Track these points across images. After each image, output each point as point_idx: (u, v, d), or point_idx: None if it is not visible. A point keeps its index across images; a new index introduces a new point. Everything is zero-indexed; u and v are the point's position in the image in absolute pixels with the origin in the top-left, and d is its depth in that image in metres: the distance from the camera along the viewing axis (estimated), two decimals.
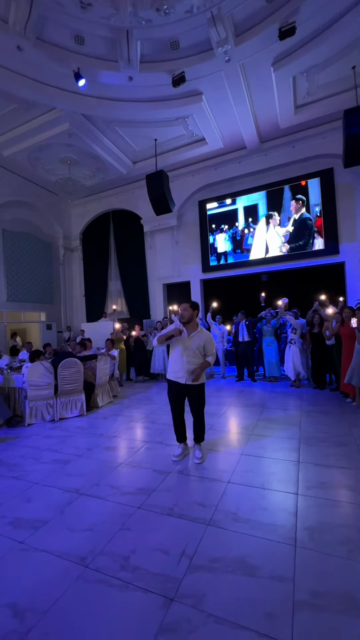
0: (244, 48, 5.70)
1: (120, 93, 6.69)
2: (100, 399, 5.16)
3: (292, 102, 7.15)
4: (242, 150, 8.95)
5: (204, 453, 2.96)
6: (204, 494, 2.31)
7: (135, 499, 2.28)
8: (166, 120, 7.62)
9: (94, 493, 2.40)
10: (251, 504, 2.15)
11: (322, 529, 1.84)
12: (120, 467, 2.85)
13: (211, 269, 9.79)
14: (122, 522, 2.01)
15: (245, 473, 2.60)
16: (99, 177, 10.00)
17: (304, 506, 2.09)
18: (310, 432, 3.46)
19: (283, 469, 2.65)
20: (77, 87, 6.32)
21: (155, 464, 2.86)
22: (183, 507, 2.14)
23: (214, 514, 2.04)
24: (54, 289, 11.58)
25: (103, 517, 2.09)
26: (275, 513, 2.03)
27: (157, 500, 2.26)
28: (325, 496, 2.19)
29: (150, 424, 4.13)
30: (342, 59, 6.15)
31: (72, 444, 3.51)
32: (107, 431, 3.89)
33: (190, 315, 2.86)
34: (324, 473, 2.54)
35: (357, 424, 3.66)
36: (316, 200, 8.51)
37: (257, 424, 3.88)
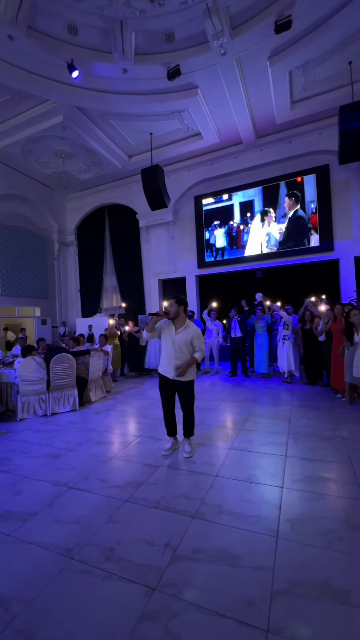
0: (239, 41, 5.64)
1: (115, 85, 6.61)
2: (93, 394, 5.18)
3: (289, 97, 7.11)
4: (238, 146, 8.90)
5: (193, 447, 3.00)
6: (191, 487, 2.35)
7: (124, 492, 2.31)
8: (162, 114, 7.55)
9: (82, 487, 2.43)
10: (237, 496, 2.19)
11: (304, 521, 1.88)
12: (110, 461, 2.88)
13: (207, 265, 9.78)
14: (109, 514, 2.04)
15: (232, 467, 2.64)
16: (94, 171, 9.91)
17: (288, 499, 2.13)
18: (299, 427, 3.51)
19: (270, 462, 2.69)
20: (70, 79, 6.21)
21: (145, 458, 2.89)
22: (170, 500, 2.18)
23: (200, 507, 2.08)
24: (49, 284, 11.51)
25: (91, 510, 2.11)
26: (260, 505, 2.07)
27: (145, 493, 2.29)
28: (310, 489, 2.24)
29: (142, 418, 4.16)
30: (338, 53, 6.12)
31: (64, 438, 3.53)
32: (98, 426, 3.92)
33: (177, 311, 2.87)
34: (310, 467, 2.58)
35: (344, 419, 3.72)
36: (311, 197, 8.51)
37: (248, 418, 3.92)
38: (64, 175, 9.19)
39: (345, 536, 1.74)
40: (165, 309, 2.86)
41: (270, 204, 8.96)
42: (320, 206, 8.41)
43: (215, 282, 10.09)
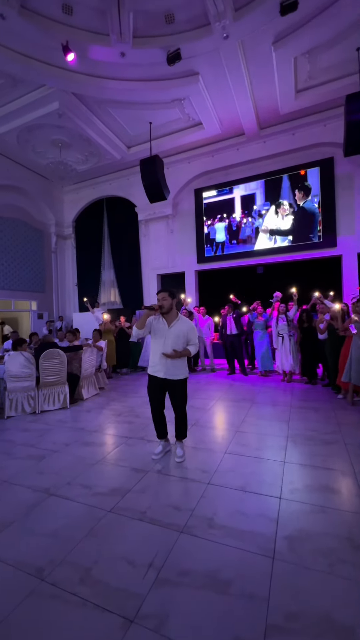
0: (243, 23, 5.37)
1: (112, 71, 6.34)
2: (85, 391, 5.00)
3: (293, 86, 6.84)
4: (240, 137, 8.63)
5: (185, 451, 2.82)
6: (180, 496, 2.17)
7: (108, 500, 2.14)
8: (161, 102, 7.28)
9: (64, 493, 2.25)
10: (230, 508, 2.01)
11: (302, 538, 1.70)
12: (96, 464, 2.70)
13: (206, 260, 9.56)
14: (89, 527, 1.87)
15: (227, 473, 2.46)
16: (91, 162, 9.64)
17: (286, 511, 1.95)
18: (299, 430, 3.33)
19: (267, 469, 2.51)
20: (65, 63, 5.95)
21: (134, 462, 2.71)
22: (157, 511, 2.00)
23: (189, 520, 1.90)
24: (46, 278, 11.30)
25: (70, 520, 1.94)
26: (255, 519, 1.89)
27: (131, 502, 2.11)
28: (309, 500, 2.06)
29: (135, 417, 3.99)
30: (345, 39, 5.84)
31: (50, 438, 3.35)
32: (88, 425, 3.74)
33: (170, 305, 2.68)
34: (309, 474, 2.40)
35: (346, 422, 3.54)
36: (315, 191, 8.26)
37: (245, 419, 3.74)
38: (60, 165, 8.93)
39: (348, 558, 1.56)
40: (159, 303, 2.66)
41: (272, 198, 8.71)
42: (323, 201, 8.17)
43: (215, 277, 9.87)
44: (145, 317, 2.66)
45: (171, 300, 2.67)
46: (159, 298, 2.68)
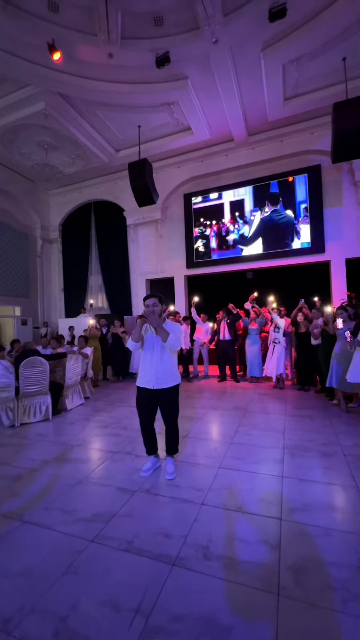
0: (232, 28, 5.35)
1: (100, 72, 6.21)
2: (69, 401, 4.72)
3: (282, 93, 6.89)
4: (229, 143, 8.65)
5: (176, 467, 2.61)
6: (172, 520, 1.96)
7: (90, 528, 1.91)
8: (150, 106, 7.20)
9: (40, 520, 2.00)
10: (227, 533, 1.82)
11: (308, 569, 1.52)
12: (78, 484, 2.46)
13: (196, 265, 9.45)
14: (68, 562, 1.63)
15: (221, 491, 2.27)
16: (79, 165, 9.45)
17: (287, 536, 1.77)
18: (295, 440, 3.18)
19: (265, 486, 2.34)
20: (51, 62, 5.79)
21: (120, 481, 2.49)
22: (145, 540, 1.78)
23: (182, 549, 1.70)
24: (30, 283, 10.94)
25: (46, 554, 1.70)
26: (254, 546, 1.70)
27: (116, 529, 1.89)
28: (312, 521, 1.89)
29: (122, 430, 3.75)
30: (332, 49, 5.92)
31: (28, 454, 3.08)
32: (71, 439, 3.48)
33: (161, 310, 2.52)
34: (309, 491, 2.24)
35: (342, 430, 3.41)
36: (303, 197, 8.31)
37: (238, 430, 3.57)
38: (46, 167, 8.73)
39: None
40: (150, 309, 2.47)
41: (261, 204, 8.72)
42: (311, 207, 8.23)
43: (205, 283, 9.76)
44: (140, 327, 2.47)
45: (161, 306, 2.51)
46: (150, 304, 2.50)
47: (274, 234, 8.54)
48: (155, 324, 2.41)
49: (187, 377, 6.65)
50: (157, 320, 2.40)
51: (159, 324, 2.40)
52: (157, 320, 2.40)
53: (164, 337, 2.40)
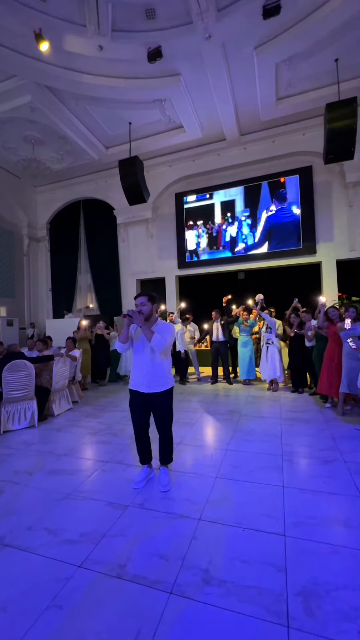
0: (225, 24, 5.26)
1: (89, 65, 6.02)
2: (56, 407, 4.50)
3: (274, 93, 6.84)
4: (221, 142, 8.57)
5: (171, 478, 2.46)
6: (168, 539, 1.81)
7: (77, 551, 1.73)
8: (141, 102, 7.04)
9: (22, 543, 1.82)
10: (227, 553, 1.67)
11: (319, 594, 1.40)
12: (65, 499, 2.28)
13: (187, 265, 9.32)
14: (52, 593, 1.46)
15: (219, 504, 2.13)
16: (67, 161, 9.19)
17: (293, 555, 1.64)
18: (292, 446, 3.07)
19: (265, 497, 2.21)
20: (39, 53, 5.58)
21: (111, 494, 2.31)
22: (139, 564, 1.62)
23: (180, 574, 1.54)
24: (16, 282, 10.57)
25: (27, 584, 1.52)
26: (258, 568, 1.56)
27: (107, 551, 1.72)
28: (318, 537, 1.77)
29: (112, 437, 3.57)
30: (325, 49, 5.91)
31: (11, 466, 2.87)
32: (58, 447, 3.28)
33: (150, 310, 2.36)
34: (312, 502, 2.12)
35: (340, 434, 3.33)
36: (294, 198, 8.30)
37: (234, 435, 3.44)
38: (33, 163, 8.43)
39: None
40: (137, 309, 2.32)
41: (253, 204, 8.67)
42: (303, 208, 8.23)
43: (197, 283, 9.65)
44: (127, 328, 2.31)
45: (151, 305, 2.36)
46: (138, 303, 2.34)
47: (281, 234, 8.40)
48: (139, 324, 2.25)
49: (181, 381, 6.49)
50: (141, 320, 2.25)
51: (143, 323, 2.25)
52: (141, 320, 2.25)
53: (149, 337, 2.25)
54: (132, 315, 2.23)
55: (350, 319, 3.84)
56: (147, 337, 2.24)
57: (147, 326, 2.28)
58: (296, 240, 8.28)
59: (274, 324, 5.60)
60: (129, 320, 2.27)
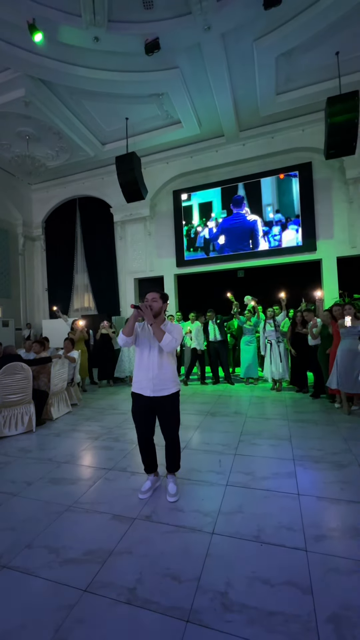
0: (225, 15, 5.10)
1: (85, 57, 5.84)
2: (55, 410, 4.34)
3: (274, 87, 6.71)
4: (219, 138, 8.43)
5: (178, 487, 2.32)
6: (180, 556, 1.67)
7: (82, 572, 1.58)
8: (139, 96, 6.87)
9: (22, 563, 1.66)
10: (246, 572, 1.54)
11: (351, 620, 1.27)
12: (67, 512, 2.13)
13: (186, 264, 9.18)
14: (55, 623, 1.31)
15: (233, 516, 1.99)
16: (63, 158, 8.99)
17: (318, 573, 1.51)
18: (304, 450, 2.95)
19: (281, 506, 2.08)
20: (32, 45, 5.39)
21: (116, 506, 2.17)
22: (150, 586, 1.48)
23: (196, 597, 1.41)
24: (12, 282, 10.35)
25: (26, 613, 1.37)
26: (282, 589, 1.43)
27: (114, 572, 1.58)
28: (342, 552, 1.64)
29: (114, 441, 3.42)
30: (326, 42, 5.79)
31: (8, 475, 2.71)
32: (57, 454, 3.12)
33: (160, 308, 2.22)
34: (331, 511, 2.00)
35: (351, 436, 3.22)
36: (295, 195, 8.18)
37: (241, 439, 3.31)
38: (28, 160, 8.21)
39: None
40: (148, 303, 2.18)
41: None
42: (302, 205, 8.12)
43: (195, 281, 9.51)
44: (133, 320, 2.17)
45: (161, 303, 2.21)
46: (149, 298, 2.20)
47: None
48: (149, 321, 2.11)
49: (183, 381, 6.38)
50: (151, 317, 2.11)
51: (153, 321, 2.11)
52: (151, 317, 2.11)
53: (160, 336, 2.11)
54: (142, 309, 2.08)
55: (350, 316, 3.76)
56: (158, 336, 2.10)
57: (158, 324, 2.14)
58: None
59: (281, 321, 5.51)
60: (137, 313, 2.13)
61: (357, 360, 3.71)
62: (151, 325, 2.13)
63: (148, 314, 2.10)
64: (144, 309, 2.09)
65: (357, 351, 3.68)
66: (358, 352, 3.66)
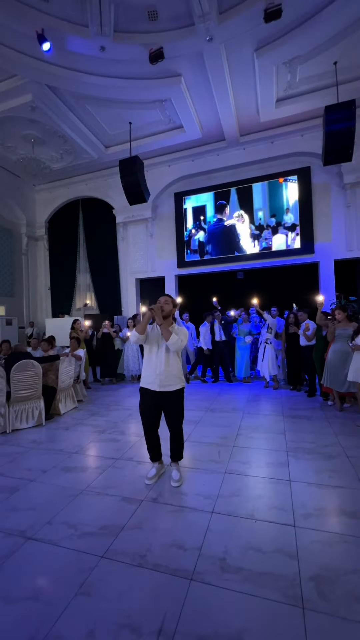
0: (227, 27, 5.30)
1: (91, 65, 6.03)
2: (62, 405, 4.57)
3: (274, 94, 6.91)
4: (220, 142, 8.62)
5: (182, 474, 2.55)
6: (183, 531, 1.90)
7: (98, 542, 1.82)
8: (142, 102, 7.07)
9: (45, 536, 1.89)
10: (242, 543, 1.77)
11: (330, 579, 1.50)
12: (81, 495, 2.36)
13: (187, 265, 9.40)
14: (79, 582, 1.54)
15: (231, 498, 2.23)
16: (66, 160, 9.18)
17: (303, 544, 1.75)
18: (297, 442, 3.18)
19: (274, 490, 2.31)
20: (41, 53, 5.58)
21: (124, 490, 2.40)
22: (158, 553, 1.71)
23: (198, 562, 1.64)
24: (15, 281, 10.55)
25: (54, 574, 1.60)
26: (272, 556, 1.66)
27: (126, 543, 1.81)
28: (326, 527, 1.88)
29: (120, 434, 3.65)
30: (324, 52, 5.99)
31: (24, 464, 2.93)
32: (68, 446, 3.35)
33: (170, 311, 2.46)
34: (318, 495, 2.23)
35: (341, 431, 3.45)
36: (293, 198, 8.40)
37: (239, 432, 3.54)
38: (33, 162, 8.42)
39: None
40: (161, 305, 2.41)
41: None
42: (301, 208, 8.34)
43: (196, 282, 9.74)
44: (146, 320, 2.40)
45: (172, 306, 2.45)
46: (162, 301, 2.44)
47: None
48: (159, 321, 2.35)
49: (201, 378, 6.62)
50: (162, 318, 2.35)
51: (162, 322, 2.35)
52: (162, 318, 2.35)
53: (167, 336, 2.34)
54: (155, 310, 2.32)
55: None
56: (165, 335, 2.34)
57: (166, 325, 2.36)
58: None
59: (274, 324, 5.72)
60: (149, 314, 2.36)
61: (347, 360, 3.94)
62: (160, 325, 2.36)
63: (159, 314, 2.34)
64: (156, 309, 2.32)
65: (347, 352, 3.91)
66: (348, 352, 3.89)
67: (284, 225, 8.46)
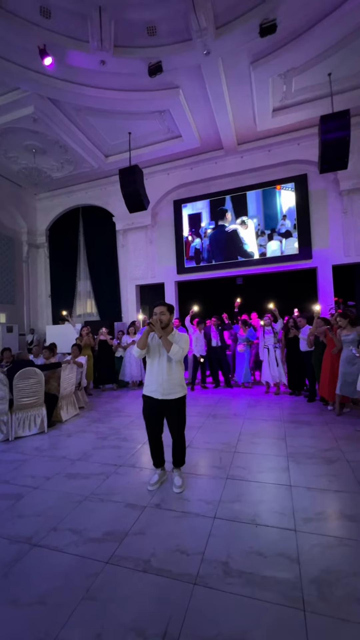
0: (223, 41, 5.46)
1: (92, 78, 6.18)
2: (64, 413, 4.60)
3: (270, 105, 7.07)
4: (218, 151, 8.78)
5: (184, 480, 2.58)
6: (187, 536, 1.93)
7: (103, 548, 1.85)
8: (141, 113, 7.22)
9: (50, 542, 1.93)
10: (244, 547, 1.81)
11: (330, 582, 1.54)
12: (85, 501, 2.39)
13: (186, 271, 9.49)
14: (85, 587, 1.57)
15: (232, 504, 2.26)
16: (67, 170, 9.33)
17: (304, 547, 1.78)
18: (297, 447, 3.22)
19: (274, 495, 2.35)
20: (42, 67, 5.72)
21: (128, 496, 2.43)
22: (163, 558, 1.75)
23: (201, 566, 1.67)
24: (16, 288, 10.62)
25: (60, 580, 1.63)
26: (274, 560, 1.70)
27: (131, 548, 1.84)
28: (326, 531, 1.91)
29: (122, 441, 3.68)
30: (318, 64, 6.15)
31: (28, 471, 2.96)
32: (70, 453, 3.38)
33: (168, 319, 2.50)
34: (319, 499, 2.27)
35: (341, 435, 3.49)
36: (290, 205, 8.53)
37: (240, 438, 3.58)
38: (34, 172, 8.56)
39: None
40: (157, 317, 2.45)
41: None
42: (298, 215, 8.46)
43: (195, 288, 9.82)
44: (147, 335, 2.45)
45: (169, 315, 2.49)
46: (157, 312, 2.48)
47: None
48: (158, 333, 2.40)
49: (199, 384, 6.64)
50: (161, 331, 2.39)
51: (162, 334, 2.39)
52: (161, 331, 2.39)
53: (168, 347, 2.39)
54: (154, 324, 2.37)
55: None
56: (166, 347, 2.38)
57: (166, 336, 2.41)
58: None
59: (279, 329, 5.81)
60: (149, 329, 2.41)
61: (355, 367, 3.96)
62: (160, 337, 2.40)
63: (158, 328, 2.38)
64: (155, 323, 2.37)
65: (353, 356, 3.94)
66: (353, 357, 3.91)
67: (278, 231, 8.58)
